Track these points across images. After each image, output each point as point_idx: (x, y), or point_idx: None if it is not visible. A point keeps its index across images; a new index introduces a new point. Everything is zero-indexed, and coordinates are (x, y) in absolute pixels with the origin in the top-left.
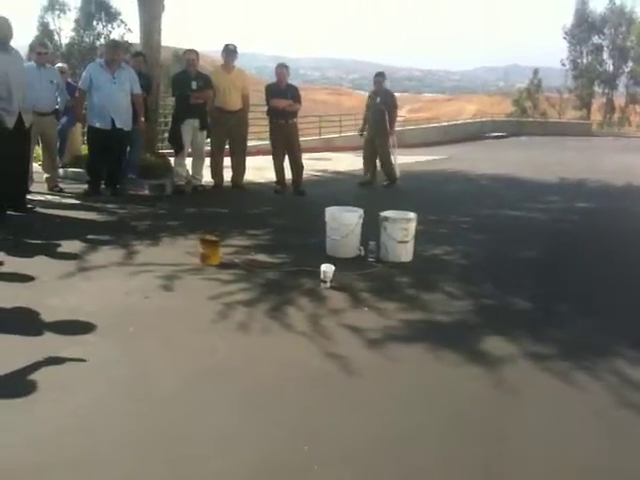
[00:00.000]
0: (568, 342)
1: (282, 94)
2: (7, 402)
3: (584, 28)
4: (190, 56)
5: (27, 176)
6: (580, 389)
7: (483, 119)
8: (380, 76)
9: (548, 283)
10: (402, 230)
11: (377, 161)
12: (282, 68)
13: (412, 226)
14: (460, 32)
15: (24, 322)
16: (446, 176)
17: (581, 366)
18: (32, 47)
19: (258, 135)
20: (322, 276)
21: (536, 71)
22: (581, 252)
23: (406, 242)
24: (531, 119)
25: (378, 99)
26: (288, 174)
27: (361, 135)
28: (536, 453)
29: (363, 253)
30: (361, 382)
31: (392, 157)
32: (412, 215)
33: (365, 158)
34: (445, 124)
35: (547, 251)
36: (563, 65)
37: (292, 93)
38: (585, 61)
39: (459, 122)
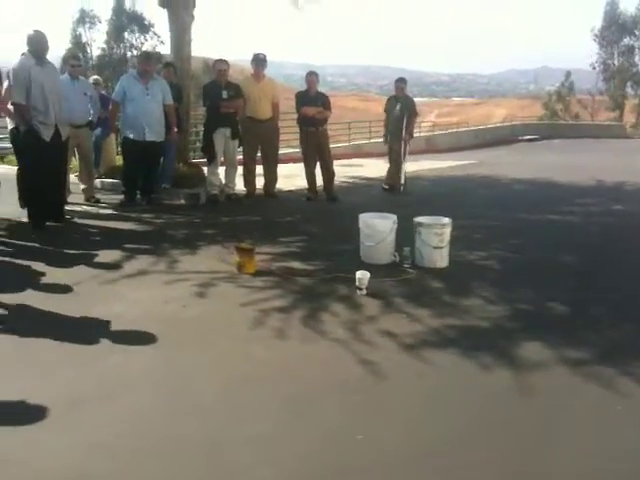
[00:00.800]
0: (606, 347)
1: (312, 102)
2: (53, 410)
3: (614, 29)
4: (221, 66)
5: (65, 187)
6: (619, 394)
7: (514, 122)
8: (402, 82)
9: (586, 287)
10: (437, 236)
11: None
12: (312, 76)
13: (447, 231)
14: (489, 35)
15: (66, 331)
16: (479, 181)
17: (621, 371)
18: (65, 60)
19: (288, 143)
20: (357, 283)
21: (568, 73)
22: (619, 255)
23: (441, 248)
24: (563, 122)
25: (398, 105)
26: (319, 181)
27: (386, 143)
28: (571, 460)
29: (398, 259)
30: (396, 388)
31: (402, 164)
32: (447, 220)
33: (390, 163)
34: (475, 128)
35: (584, 255)
36: (593, 67)
37: (322, 100)
38: (616, 62)
39: (489, 126)
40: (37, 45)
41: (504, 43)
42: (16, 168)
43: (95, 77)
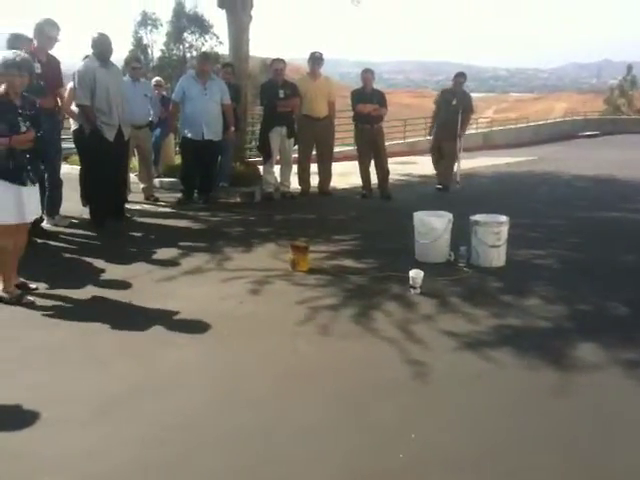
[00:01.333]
0: None
1: (368, 99)
2: (111, 404)
3: None
4: (277, 65)
5: (125, 186)
6: None
7: (574, 117)
8: (461, 76)
9: None
10: (494, 234)
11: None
12: (367, 73)
13: (504, 230)
14: (549, 28)
15: (125, 326)
16: (538, 177)
17: None
18: (127, 62)
19: (343, 140)
20: (411, 282)
21: (630, 67)
22: None
23: (498, 246)
24: (625, 116)
25: (455, 100)
26: (374, 179)
27: (433, 136)
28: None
29: (453, 258)
30: (451, 388)
31: (456, 162)
32: (504, 219)
33: (437, 162)
34: (534, 124)
35: None
36: None
37: (378, 98)
38: None
39: (549, 121)
40: (101, 47)
41: (565, 36)
42: (78, 168)
43: (157, 78)
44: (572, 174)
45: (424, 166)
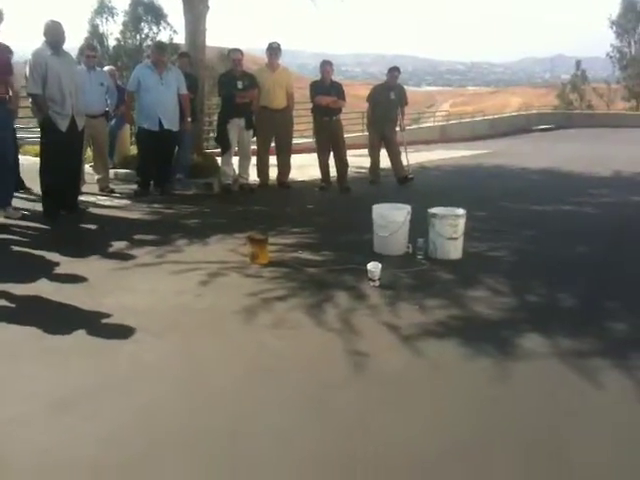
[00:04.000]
0: (611, 340)
1: (326, 91)
2: (68, 402)
3: (631, 17)
4: (235, 55)
5: (79, 177)
6: (604, 386)
7: (529, 112)
8: (397, 70)
9: (599, 280)
10: (451, 227)
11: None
12: (327, 65)
13: (461, 222)
14: (504, 23)
15: (79, 322)
16: (493, 171)
17: (616, 364)
18: (81, 50)
19: (301, 133)
20: (369, 274)
21: (578, 63)
22: (635, 247)
23: (455, 239)
24: (578, 111)
25: (392, 94)
26: (333, 171)
27: (374, 132)
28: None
29: (411, 250)
30: (402, 380)
31: (403, 155)
32: (461, 211)
33: (373, 156)
34: (490, 117)
35: (600, 247)
36: (610, 56)
37: (337, 90)
38: (633, 51)
39: (504, 115)
40: (54, 35)
41: (519, 32)
42: (33, 159)
43: (109, 67)
44: (527, 167)
45: (383, 159)
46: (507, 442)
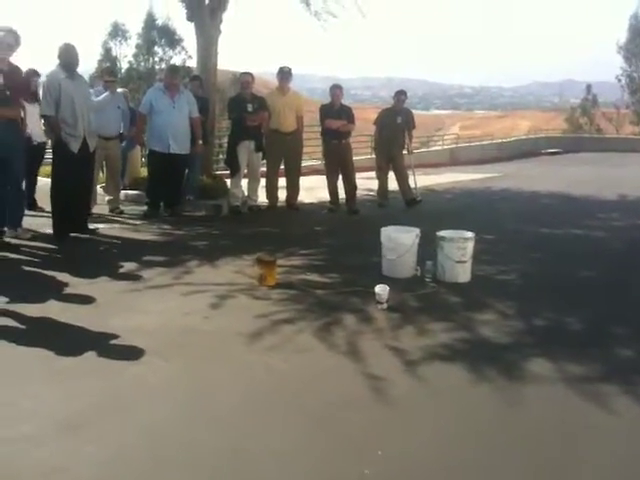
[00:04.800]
0: (619, 365)
1: (336, 114)
2: (72, 423)
3: (639, 43)
4: (245, 78)
5: (90, 199)
6: (611, 411)
7: (537, 135)
8: (403, 94)
9: (607, 304)
10: (459, 250)
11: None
12: (336, 89)
13: (470, 246)
14: (513, 48)
15: (87, 343)
16: (503, 194)
17: (624, 390)
18: (100, 75)
19: (310, 155)
20: (377, 297)
21: (589, 87)
22: None
23: (464, 262)
24: (587, 135)
25: (399, 118)
26: (341, 193)
27: (379, 156)
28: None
29: (420, 273)
30: (409, 402)
31: (410, 178)
32: (470, 234)
33: (381, 179)
34: (499, 141)
35: (608, 271)
36: (618, 80)
37: (346, 113)
38: None
39: (513, 139)
40: (68, 58)
41: (528, 56)
42: (45, 180)
43: (122, 89)
44: (535, 191)
45: (391, 181)
46: (512, 465)
